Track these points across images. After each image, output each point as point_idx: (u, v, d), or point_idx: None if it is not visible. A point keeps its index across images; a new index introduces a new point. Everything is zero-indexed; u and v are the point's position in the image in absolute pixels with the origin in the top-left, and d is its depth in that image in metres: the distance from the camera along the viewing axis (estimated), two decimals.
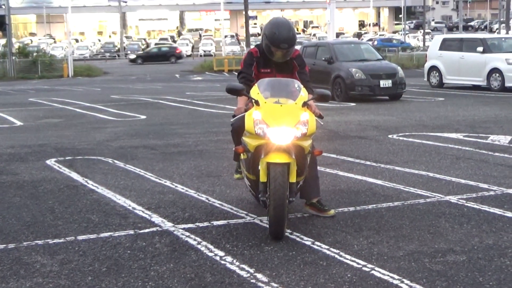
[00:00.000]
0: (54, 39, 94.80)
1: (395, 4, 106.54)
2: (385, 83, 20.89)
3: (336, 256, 5.62)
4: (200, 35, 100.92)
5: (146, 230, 6.49)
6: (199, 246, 5.93)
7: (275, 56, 6.81)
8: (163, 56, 66.77)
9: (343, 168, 9.58)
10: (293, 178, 6.14)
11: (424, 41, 72.84)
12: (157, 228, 6.57)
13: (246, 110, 6.41)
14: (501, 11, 73.26)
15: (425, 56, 27.61)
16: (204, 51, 76.76)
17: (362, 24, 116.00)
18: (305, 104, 6.29)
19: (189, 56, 77.37)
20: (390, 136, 12.77)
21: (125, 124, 15.96)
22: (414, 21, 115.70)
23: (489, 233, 6.26)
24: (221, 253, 5.73)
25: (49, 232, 6.50)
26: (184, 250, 5.83)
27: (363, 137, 12.76)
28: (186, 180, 8.87)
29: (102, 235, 6.36)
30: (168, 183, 8.72)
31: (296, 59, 7.00)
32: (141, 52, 71.70)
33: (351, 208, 7.24)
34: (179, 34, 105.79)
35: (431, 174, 9.01)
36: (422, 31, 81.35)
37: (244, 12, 51.35)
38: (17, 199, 7.95)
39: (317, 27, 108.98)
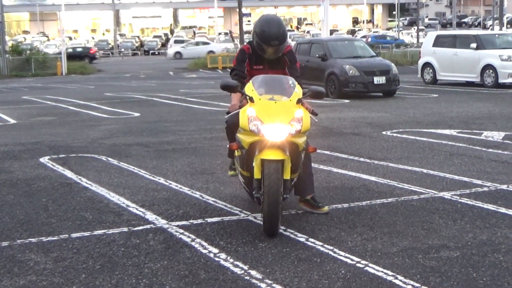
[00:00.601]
0: (47, 37, 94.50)
1: (388, 1, 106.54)
2: (379, 79, 20.91)
3: (330, 252, 5.63)
4: (194, 33, 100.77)
5: (140, 228, 6.48)
6: (193, 243, 5.93)
7: (267, 53, 6.81)
8: (77, 56, 66.18)
9: (337, 164, 9.59)
10: (287, 175, 6.15)
11: (417, 37, 72.82)
12: (151, 225, 6.57)
13: (240, 107, 6.41)
14: (494, 8, 73.37)
15: (419, 52, 27.63)
16: None
17: (356, 21, 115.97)
18: (299, 101, 6.29)
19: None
20: (384, 132, 12.78)
21: (119, 121, 15.94)
22: (407, 18, 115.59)
23: (483, 229, 6.28)
24: (215, 250, 5.73)
25: (43, 230, 6.49)
26: (178, 247, 5.83)
27: (357, 133, 12.77)
28: (180, 178, 8.86)
29: (96, 232, 6.36)
30: (162, 180, 8.71)
31: (287, 54, 7.00)
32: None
33: (345, 205, 7.24)
34: (171, 31, 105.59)
35: (425, 171, 9.02)
36: (415, 27, 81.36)
37: (237, 9, 51.31)
38: (11, 197, 7.94)
39: (311, 24, 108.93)
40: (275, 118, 6.07)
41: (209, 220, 6.71)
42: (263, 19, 6.86)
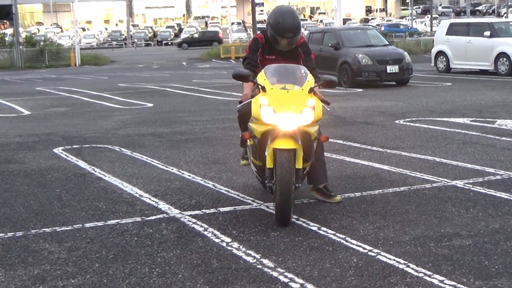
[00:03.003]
0: (61, 28, 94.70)
1: None
2: (392, 68, 20.85)
3: (342, 241, 5.64)
4: (206, 23, 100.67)
5: (153, 217, 6.52)
6: (205, 233, 5.96)
7: (280, 45, 6.81)
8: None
9: (350, 153, 9.59)
10: (299, 164, 6.15)
11: (431, 26, 72.54)
12: (164, 215, 6.60)
13: (252, 96, 6.41)
14: None
15: (432, 41, 27.52)
16: None
17: (369, 10, 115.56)
18: (311, 90, 6.29)
19: None
20: (397, 121, 12.76)
21: (132, 112, 15.98)
22: (421, 6, 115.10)
23: (495, 217, 6.27)
24: (228, 239, 5.75)
25: (57, 220, 6.53)
26: (190, 237, 5.86)
27: (369, 122, 12.75)
28: (193, 167, 8.89)
29: (109, 222, 6.40)
30: (175, 170, 8.74)
31: (301, 46, 6.99)
32: None
33: (358, 194, 7.25)
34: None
35: (437, 159, 9.00)
36: (429, 16, 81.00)
37: None
38: (25, 188, 7.99)
39: (324, 13, 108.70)
40: (287, 107, 6.07)
41: (222, 209, 6.73)
42: (278, 11, 6.85)
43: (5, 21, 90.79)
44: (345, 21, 71.65)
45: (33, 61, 46.48)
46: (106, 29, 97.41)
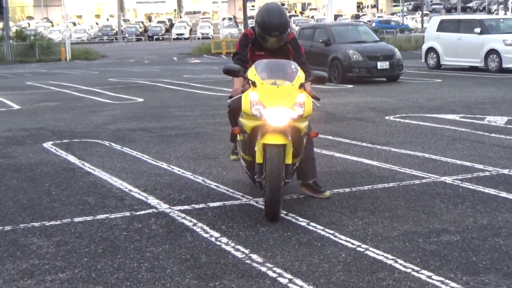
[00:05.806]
0: (51, 22, 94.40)
1: None
2: (382, 64, 20.88)
3: (331, 236, 5.65)
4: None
5: (142, 212, 6.51)
6: (194, 228, 5.96)
7: (268, 43, 6.81)
8: None
9: (340, 149, 9.60)
10: (289, 160, 6.16)
11: (422, 22, 72.69)
12: (153, 209, 6.60)
13: (243, 92, 6.41)
14: None
15: (423, 37, 27.57)
16: (202, 34, 76.65)
17: (360, 6, 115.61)
18: (301, 86, 6.29)
19: (187, 39, 77.54)
20: (386, 117, 12.78)
21: (122, 107, 15.95)
22: (412, 3, 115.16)
23: (484, 213, 6.29)
24: (217, 234, 5.75)
25: (46, 214, 6.52)
26: (179, 232, 5.86)
27: (359, 118, 12.77)
28: (183, 162, 8.88)
29: (98, 217, 6.39)
30: (164, 165, 8.74)
31: (291, 43, 6.97)
32: None
33: (347, 189, 7.26)
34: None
35: (427, 155, 9.03)
36: (420, 12, 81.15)
37: None
38: (14, 182, 7.97)
39: (315, 9, 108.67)
40: (277, 103, 6.07)
41: (211, 204, 6.74)
42: (265, 9, 6.84)
43: None
44: (336, 17, 71.62)
45: (23, 56, 46.34)
46: (97, 23, 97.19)
